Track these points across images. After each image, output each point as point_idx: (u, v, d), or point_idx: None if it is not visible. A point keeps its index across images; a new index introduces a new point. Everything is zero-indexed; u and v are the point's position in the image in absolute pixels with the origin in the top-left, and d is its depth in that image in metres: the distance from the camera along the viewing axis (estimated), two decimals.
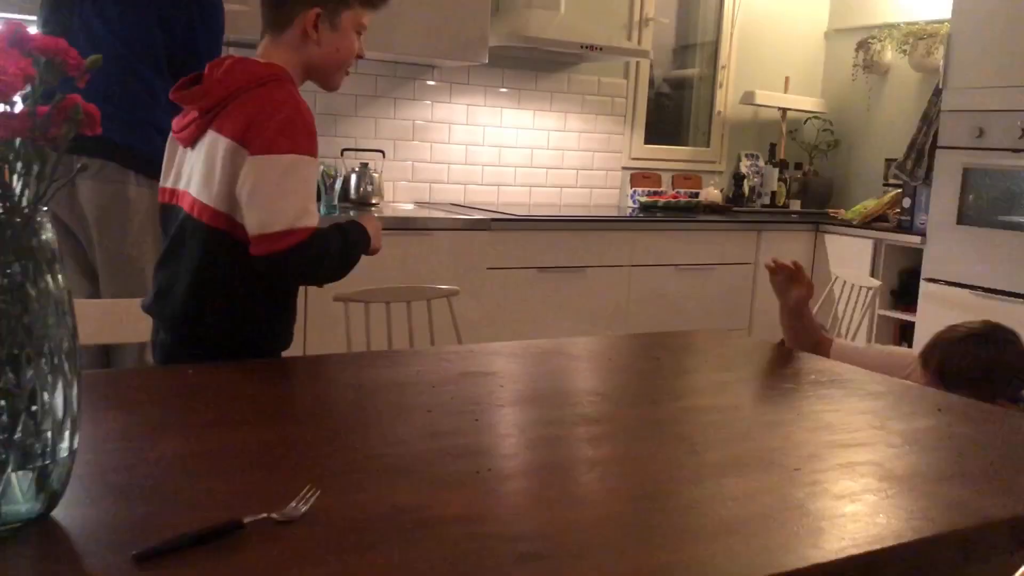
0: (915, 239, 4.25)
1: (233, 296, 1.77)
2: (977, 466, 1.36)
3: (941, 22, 4.53)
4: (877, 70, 5.06)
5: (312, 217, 1.72)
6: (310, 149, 1.76)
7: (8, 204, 0.95)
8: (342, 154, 4.03)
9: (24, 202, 0.96)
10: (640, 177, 4.90)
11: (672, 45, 5.18)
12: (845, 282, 4.10)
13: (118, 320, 2.07)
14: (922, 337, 4.14)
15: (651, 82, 4.97)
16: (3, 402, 0.93)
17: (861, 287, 3.94)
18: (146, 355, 2.12)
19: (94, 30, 2.56)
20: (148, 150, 2.51)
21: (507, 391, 1.65)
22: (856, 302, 3.98)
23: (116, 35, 2.56)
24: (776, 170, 5.23)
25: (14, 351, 0.93)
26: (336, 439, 1.34)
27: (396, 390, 1.63)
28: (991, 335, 2.07)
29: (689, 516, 1.13)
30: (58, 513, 1.00)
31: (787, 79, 5.26)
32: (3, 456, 0.94)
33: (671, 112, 5.20)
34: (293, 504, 1.04)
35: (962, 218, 4.00)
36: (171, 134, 1.88)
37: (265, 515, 1.01)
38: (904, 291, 4.40)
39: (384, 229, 3.70)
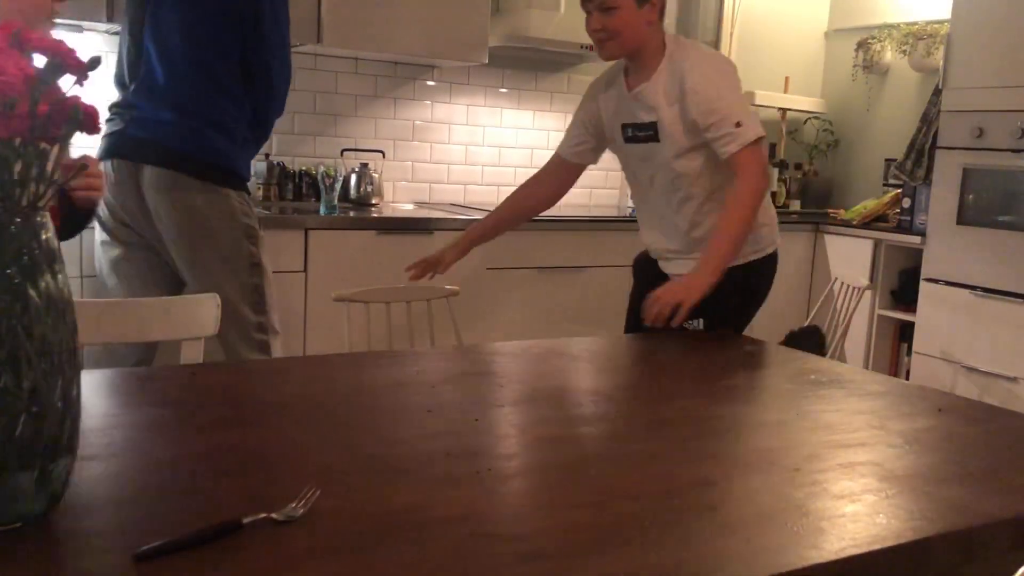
0: (915, 239, 4.25)
1: None
2: (977, 466, 1.36)
3: (941, 22, 4.53)
4: (877, 70, 5.06)
5: None
6: None
7: (8, 204, 0.95)
8: (342, 154, 4.03)
9: (24, 202, 0.96)
10: None
11: None
12: (843, 283, 4.10)
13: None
14: (922, 337, 4.15)
15: None
16: (3, 402, 0.93)
17: (854, 287, 3.94)
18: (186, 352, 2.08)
19: (163, 31, 2.57)
20: (212, 156, 2.57)
21: (507, 391, 1.65)
22: (855, 302, 3.98)
23: (186, 36, 2.55)
24: (776, 170, 5.23)
25: (14, 351, 0.93)
26: (336, 439, 1.34)
27: (396, 390, 1.63)
28: None
29: (689, 516, 1.13)
30: (58, 513, 1.00)
31: (787, 79, 5.26)
32: (3, 456, 0.94)
33: None
34: (293, 504, 1.04)
35: (962, 218, 4.00)
36: None
37: (265, 515, 1.01)
38: (904, 291, 4.40)
39: (384, 229, 3.72)
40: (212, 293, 2.04)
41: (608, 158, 2.61)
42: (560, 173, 2.69)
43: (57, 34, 1.53)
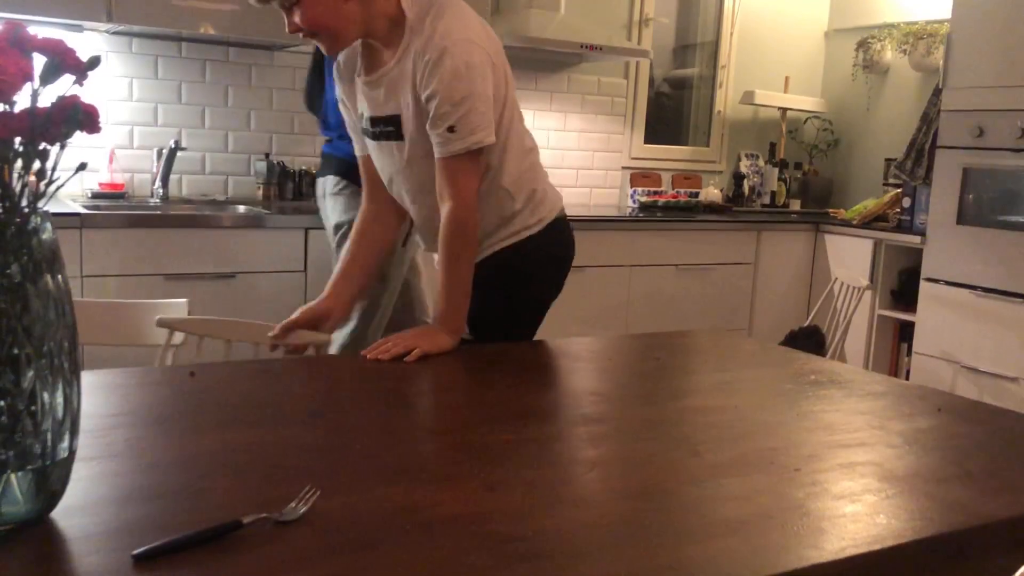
0: (915, 239, 4.25)
1: None
2: (977, 466, 1.36)
3: (941, 22, 4.53)
4: (877, 70, 5.06)
5: None
6: None
7: (8, 204, 0.95)
8: None
9: (24, 202, 0.96)
10: (640, 177, 4.90)
11: (672, 45, 5.18)
12: (843, 283, 4.10)
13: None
14: (922, 337, 4.15)
15: (651, 82, 4.98)
16: (3, 402, 0.93)
17: (853, 287, 3.95)
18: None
19: None
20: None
21: (507, 391, 1.65)
22: (855, 302, 3.98)
23: None
24: (776, 170, 5.23)
25: (14, 351, 0.93)
26: (336, 439, 1.34)
27: (396, 390, 1.63)
28: None
29: (689, 516, 1.13)
30: (57, 513, 1.00)
31: (787, 79, 5.26)
32: (3, 456, 0.94)
33: (671, 112, 5.20)
34: (293, 504, 1.04)
35: (962, 218, 4.00)
36: None
37: (264, 515, 1.01)
38: (904, 291, 4.40)
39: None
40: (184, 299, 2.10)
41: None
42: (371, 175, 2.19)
43: (57, 34, 1.53)
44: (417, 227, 2.20)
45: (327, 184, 2.86)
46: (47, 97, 0.97)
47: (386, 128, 2.00)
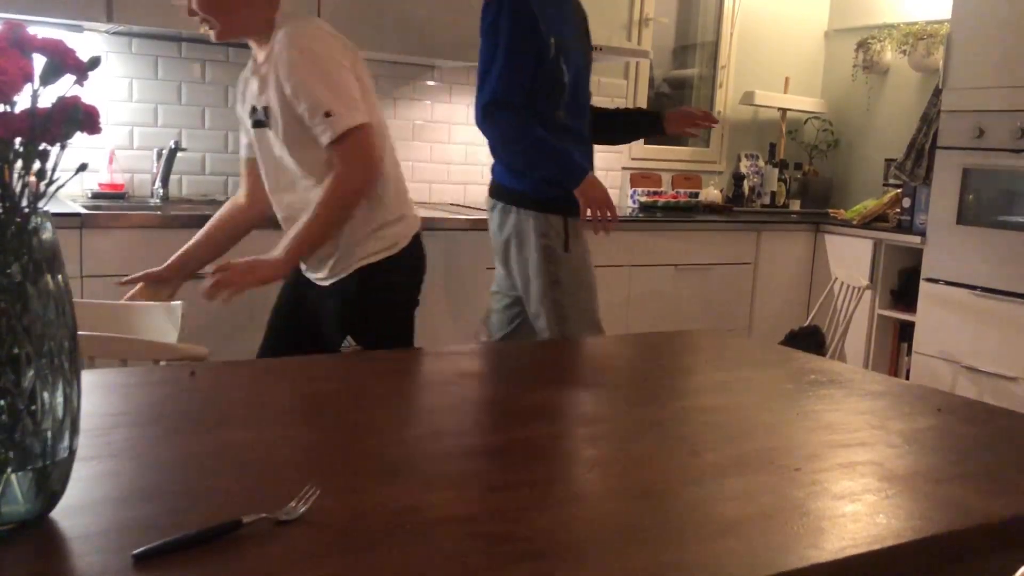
0: (915, 239, 4.25)
1: None
2: (977, 466, 1.36)
3: (941, 22, 4.53)
4: (877, 70, 5.06)
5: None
6: None
7: (8, 204, 0.95)
8: None
9: (24, 202, 0.96)
10: (640, 177, 4.90)
11: (672, 45, 5.18)
12: (843, 283, 4.10)
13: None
14: (922, 337, 4.15)
15: (651, 82, 4.97)
16: (3, 402, 0.93)
17: (853, 287, 3.95)
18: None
19: None
20: (508, 184, 2.77)
21: (507, 391, 1.65)
22: (855, 302, 3.98)
23: None
24: (776, 170, 5.23)
25: (14, 351, 0.93)
26: (336, 439, 1.34)
27: (396, 390, 1.63)
28: None
29: (689, 516, 1.13)
30: (57, 513, 1.00)
31: (787, 79, 5.26)
32: (3, 456, 0.94)
33: None
34: (293, 504, 1.04)
35: (962, 218, 4.00)
36: None
37: (264, 515, 1.01)
38: (904, 291, 4.40)
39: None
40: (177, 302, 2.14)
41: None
42: (253, 176, 2.43)
43: (57, 34, 1.52)
44: (282, 225, 2.34)
45: (488, 203, 2.95)
46: (47, 97, 0.97)
47: (261, 117, 2.22)
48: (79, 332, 1.01)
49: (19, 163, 0.95)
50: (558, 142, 2.64)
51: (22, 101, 0.94)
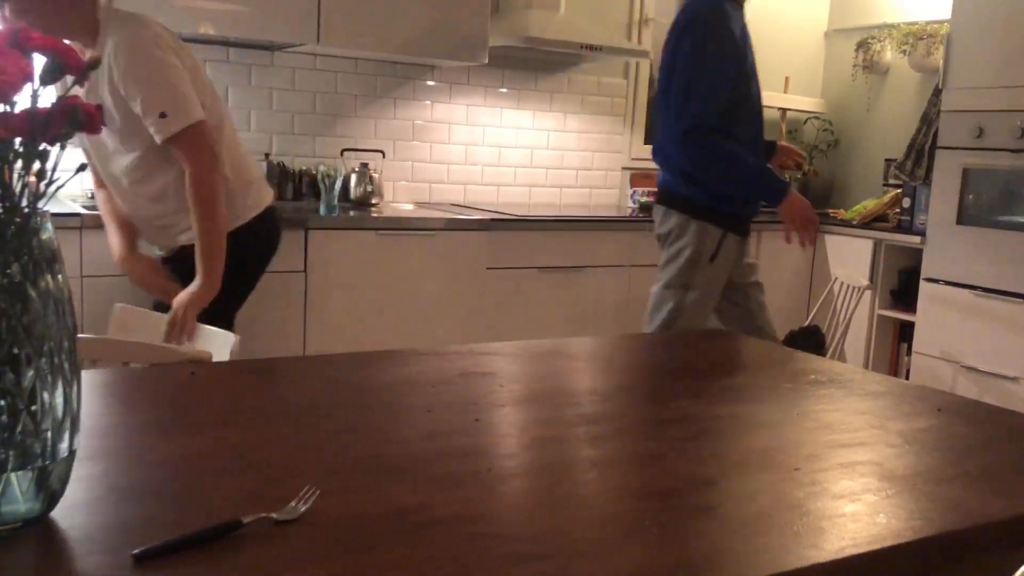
0: (915, 239, 4.25)
1: None
2: (977, 466, 1.36)
3: (941, 22, 4.53)
4: (877, 70, 5.06)
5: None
6: None
7: (8, 204, 0.95)
8: (342, 154, 4.04)
9: (24, 202, 0.96)
10: (640, 177, 4.89)
11: None
12: (843, 283, 4.10)
13: None
14: (922, 337, 4.15)
15: (651, 82, 4.97)
16: (3, 402, 0.93)
17: (853, 287, 3.94)
18: None
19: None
20: (674, 190, 2.96)
21: (507, 391, 1.65)
22: (855, 302, 3.98)
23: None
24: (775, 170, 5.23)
25: (14, 351, 0.93)
26: (336, 439, 1.34)
27: (396, 390, 1.63)
28: None
29: (689, 516, 1.13)
30: (57, 513, 1.00)
31: (787, 79, 5.26)
32: (3, 456, 0.94)
33: None
34: (292, 504, 1.04)
35: (962, 218, 4.00)
36: None
37: (264, 515, 1.01)
38: (904, 291, 4.40)
39: (383, 229, 3.70)
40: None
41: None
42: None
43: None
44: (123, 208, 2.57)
45: (656, 209, 3.12)
46: (47, 97, 0.97)
47: None
48: (79, 335, 1.01)
49: (19, 163, 0.96)
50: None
51: (22, 101, 0.94)
